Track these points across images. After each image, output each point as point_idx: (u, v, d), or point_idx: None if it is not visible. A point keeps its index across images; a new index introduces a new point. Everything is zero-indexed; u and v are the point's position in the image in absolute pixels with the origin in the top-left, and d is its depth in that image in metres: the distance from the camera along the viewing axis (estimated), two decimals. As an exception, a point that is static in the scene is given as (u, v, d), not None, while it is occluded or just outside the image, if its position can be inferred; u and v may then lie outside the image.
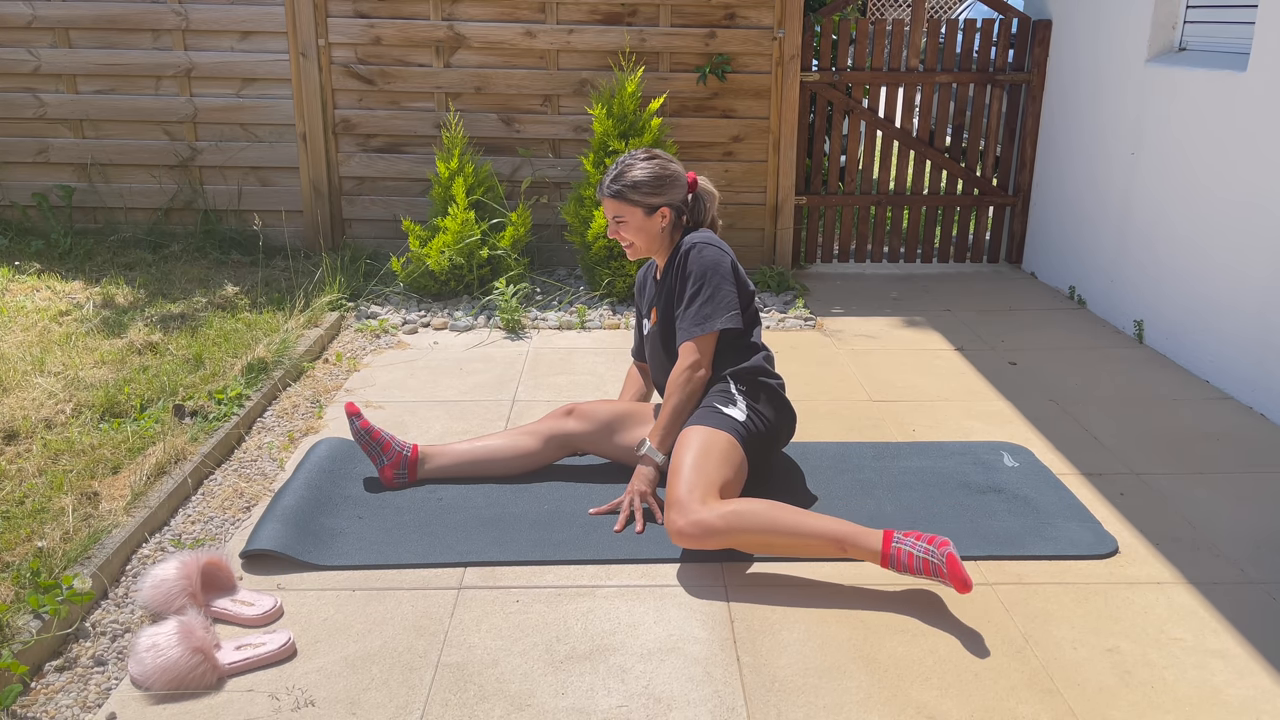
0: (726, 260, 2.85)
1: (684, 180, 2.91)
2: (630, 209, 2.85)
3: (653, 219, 2.87)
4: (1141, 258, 4.45)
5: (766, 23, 5.13)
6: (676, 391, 2.80)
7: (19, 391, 3.34)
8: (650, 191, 2.84)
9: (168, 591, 2.30)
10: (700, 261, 2.82)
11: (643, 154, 2.89)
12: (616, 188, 2.85)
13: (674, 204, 2.88)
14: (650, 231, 2.88)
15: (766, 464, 3.00)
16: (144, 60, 5.13)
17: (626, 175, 2.85)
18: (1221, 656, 2.25)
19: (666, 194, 2.86)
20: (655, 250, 2.94)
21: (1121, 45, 4.60)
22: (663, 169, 2.86)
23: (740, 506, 2.45)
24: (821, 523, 2.44)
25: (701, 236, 2.87)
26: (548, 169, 5.31)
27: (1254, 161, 3.68)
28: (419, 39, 5.11)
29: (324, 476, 2.96)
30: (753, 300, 2.94)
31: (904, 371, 4.03)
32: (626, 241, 2.91)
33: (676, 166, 2.90)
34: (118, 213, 5.36)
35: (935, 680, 2.15)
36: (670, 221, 2.89)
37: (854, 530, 2.43)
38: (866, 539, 2.41)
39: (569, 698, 2.09)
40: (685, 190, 2.91)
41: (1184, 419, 3.58)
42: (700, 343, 2.81)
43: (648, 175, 2.84)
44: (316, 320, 4.32)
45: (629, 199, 2.84)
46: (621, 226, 2.88)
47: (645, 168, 2.85)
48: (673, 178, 2.87)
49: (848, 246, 5.71)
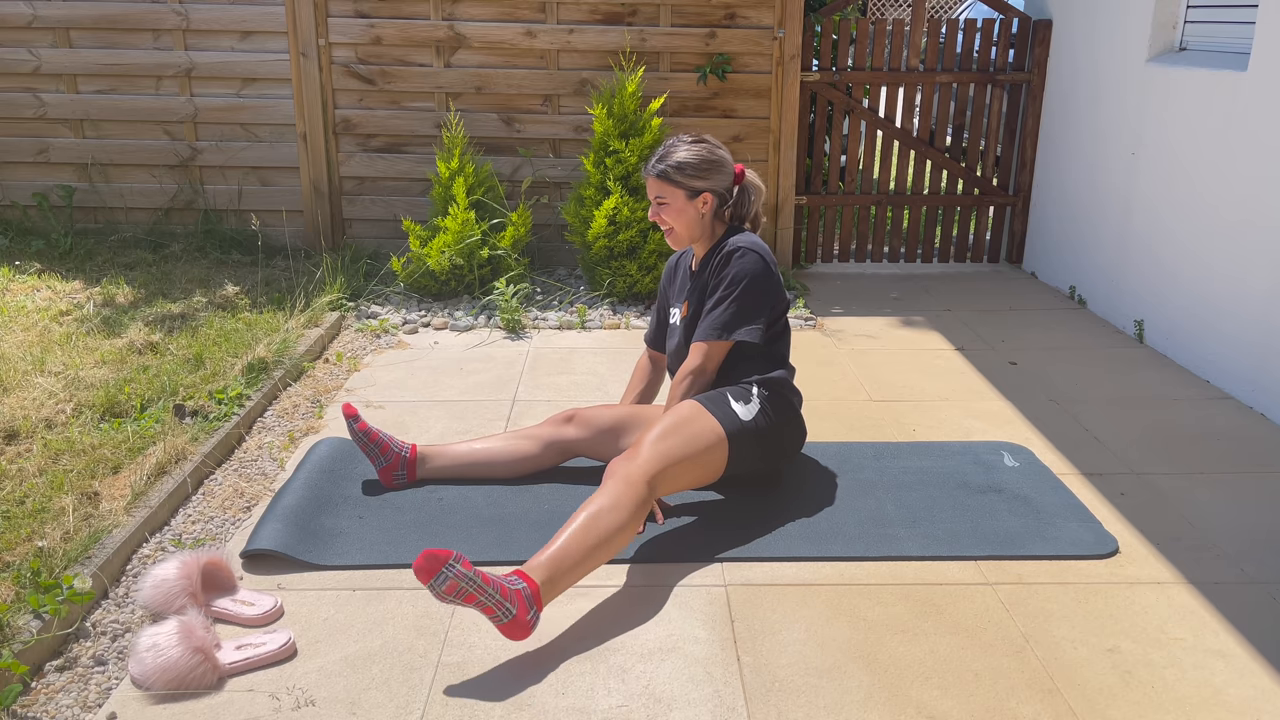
0: (767, 272, 2.81)
1: (730, 169, 2.87)
2: (673, 190, 2.82)
3: (694, 203, 2.83)
4: (1142, 257, 4.45)
5: (767, 22, 5.13)
6: (685, 389, 2.79)
7: (19, 391, 3.34)
8: (694, 174, 2.80)
9: (168, 591, 2.30)
10: (741, 266, 2.78)
11: (690, 137, 2.85)
12: (661, 167, 2.81)
13: (717, 191, 2.84)
14: (690, 217, 2.84)
15: (767, 473, 2.94)
16: (144, 60, 5.13)
17: (671, 155, 2.81)
18: (1222, 656, 2.25)
19: (711, 179, 2.82)
20: (695, 238, 2.90)
21: (1122, 45, 4.60)
22: (709, 153, 2.83)
23: (638, 503, 2.41)
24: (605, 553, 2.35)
25: (748, 241, 2.83)
26: (548, 169, 5.31)
27: (1255, 162, 3.68)
28: (419, 39, 5.11)
29: (324, 476, 2.96)
30: (784, 314, 2.89)
31: (904, 371, 4.03)
32: (666, 226, 2.87)
33: (724, 154, 2.87)
34: (118, 213, 5.36)
35: (935, 680, 2.15)
36: (712, 209, 2.85)
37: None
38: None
39: (569, 697, 2.09)
40: (731, 179, 2.87)
41: (1184, 419, 3.58)
42: (713, 348, 2.79)
43: (693, 157, 2.80)
44: (317, 320, 4.32)
45: (672, 179, 2.81)
46: (663, 209, 2.84)
47: (691, 150, 2.81)
48: (718, 164, 2.84)
49: (848, 246, 5.71)
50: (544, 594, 2.21)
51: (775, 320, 2.87)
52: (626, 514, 2.38)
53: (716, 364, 2.81)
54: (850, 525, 2.77)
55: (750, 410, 2.76)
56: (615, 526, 2.35)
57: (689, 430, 2.63)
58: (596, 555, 2.32)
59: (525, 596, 2.16)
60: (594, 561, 2.32)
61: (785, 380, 2.87)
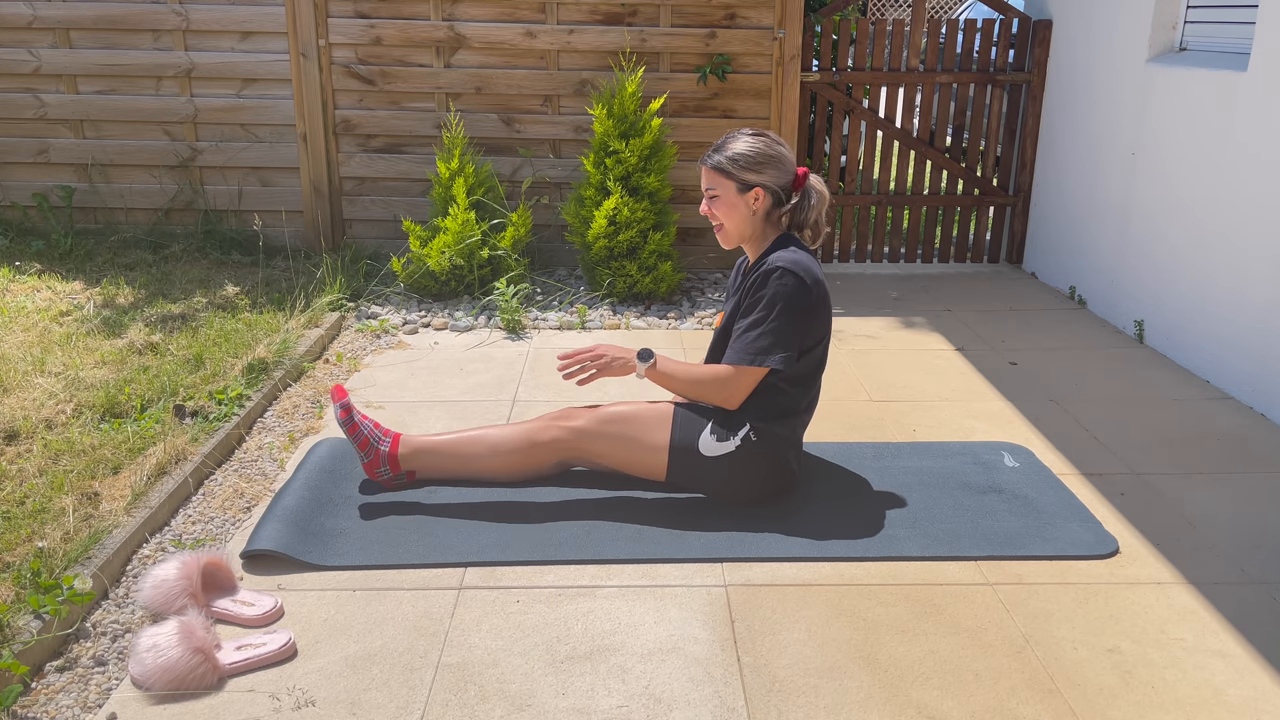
0: (806, 297, 2.65)
1: (790, 167, 2.74)
2: (724, 182, 2.71)
3: (745, 198, 2.71)
4: (1142, 258, 4.45)
5: (767, 23, 5.13)
6: (704, 382, 2.68)
7: (19, 392, 3.35)
8: (747, 166, 2.68)
9: (168, 592, 2.30)
10: (779, 288, 2.63)
11: (751, 131, 2.74)
12: (715, 158, 2.71)
13: (771, 187, 2.71)
14: (741, 212, 2.72)
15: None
16: (144, 60, 5.13)
17: (727, 146, 2.71)
18: (1222, 656, 2.25)
19: (765, 174, 2.69)
20: (745, 238, 2.77)
21: (1122, 45, 4.60)
22: (768, 148, 2.70)
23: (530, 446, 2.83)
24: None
25: (792, 260, 2.66)
26: (548, 169, 5.31)
27: (1255, 162, 3.68)
28: (419, 39, 5.11)
29: (324, 476, 2.96)
30: (820, 345, 2.74)
31: (904, 371, 4.03)
32: (716, 221, 2.76)
33: (784, 150, 2.74)
34: (118, 213, 5.36)
35: (935, 680, 2.15)
36: (765, 207, 2.72)
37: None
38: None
39: (569, 698, 2.09)
40: (789, 179, 2.74)
41: (1184, 419, 3.58)
42: (744, 374, 2.66)
43: (748, 149, 2.69)
44: (317, 320, 4.32)
45: (724, 170, 2.69)
46: (713, 202, 2.73)
47: (748, 142, 2.70)
48: (776, 159, 2.70)
49: (848, 246, 5.71)
50: (401, 462, 2.83)
51: (809, 350, 2.71)
52: (512, 455, 2.83)
53: (746, 391, 2.68)
54: (850, 525, 2.77)
55: (722, 448, 2.69)
56: (493, 453, 2.83)
57: (635, 428, 2.72)
58: (467, 458, 2.84)
59: (382, 456, 2.82)
60: (461, 461, 2.84)
61: (785, 437, 2.74)
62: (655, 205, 4.80)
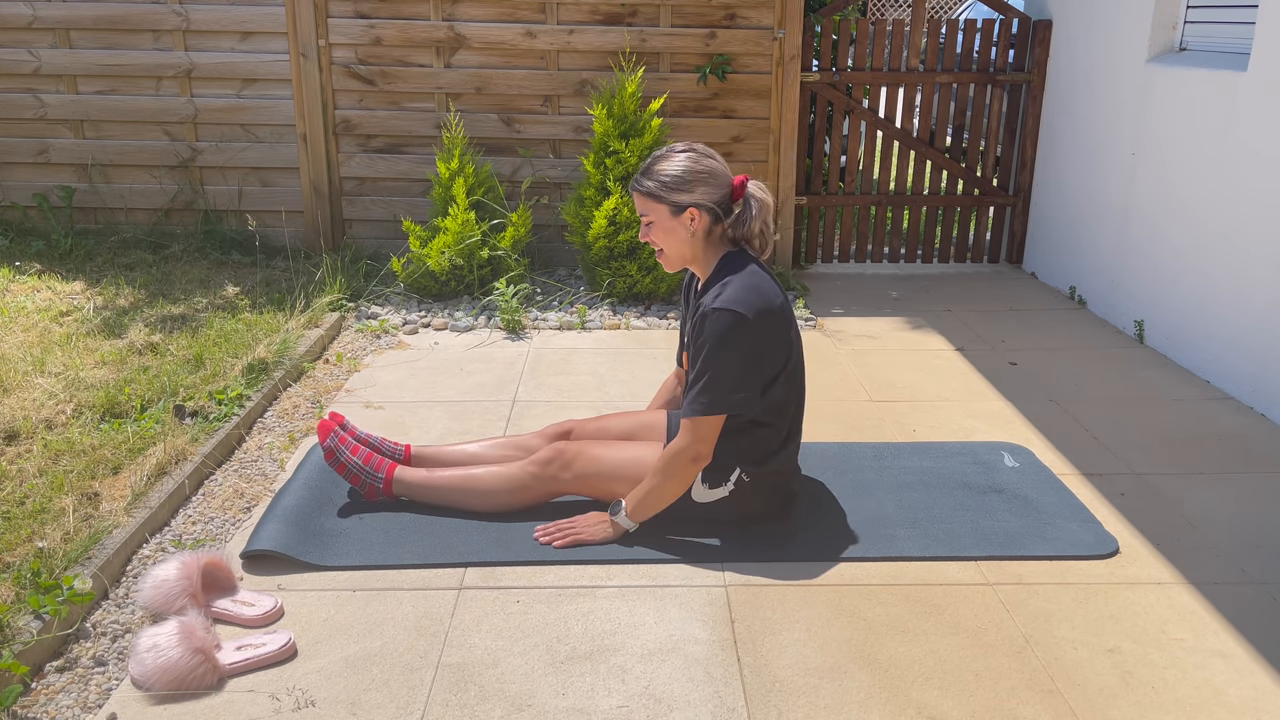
0: (746, 333, 2.47)
1: (724, 180, 2.57)
2: (655, 206, 2.56)
3: (679, 220, 2.55)
4: (1142, 258, 4.45)
5: (767, 23, 5.13)
6: (663, 474, 2.55)
7: (20, 392, 3.35)
8: (676, 187, 2.53)
9: (168, 592, 2.30)
10: (716, 331, 2.46)
11: (681, 147, 2.59)
12: (644, 183, 2.56)
13: (706, 205, 2.55)
14: (679, 236, 2.57)
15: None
16: (144, 61, 5.13)
17: (654, 168, 2.56)
18: (1222, 657, 2.25)
19: (697, 192, 2.53)
20: (689, 260, 2.63)
21: (1122, 45, 4.60)
22: (695, 163, 2.54)
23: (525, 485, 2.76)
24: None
25: (734, 295, 2.48)
26: (548, 169, 5.31)
27: (1255, 161, 3.68)
28: (419, 39, 5.11)
29: (324, 477, 2.95)
30: (784, 369, 2.56)
31: (904, 371, 4.03)
32: (656, 247, 2.62)
33: (715, 164, 2.58)
34: (118, 213, 5.36)
35: (936, 680, 2.15)
36: (703, 226, 2.57)
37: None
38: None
39: (569, 698, 2.09)
40: (725, 192, 2.57)
41: (1185, 419, 3.58)
42: (699, 425, 2.51)
43: (676, 169, 2.54)
44: (317, 321, 4.32)
45: (653, 194, 2.55)
46: (649, 228, 2.60)
47: (676, 161, 2.55)
48: (707, 174, 2.54)
49: (848, 247, 5.71)
50: (395, 489, 2.81)
51: (773, 380, 2.56)
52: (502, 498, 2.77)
53: (711, 443, 2.53)
54: (850, 525, 2.77)
55: (716, 494, 2.64)
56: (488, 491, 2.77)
57: (627, 486, 2.69)
58: (459, 500, 2.78)
59: (376, 490, 2.80)
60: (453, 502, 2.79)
61: (778, 470, 2.66)
62: (655, 205, 4.79)
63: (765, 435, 2.62)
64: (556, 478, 2.73)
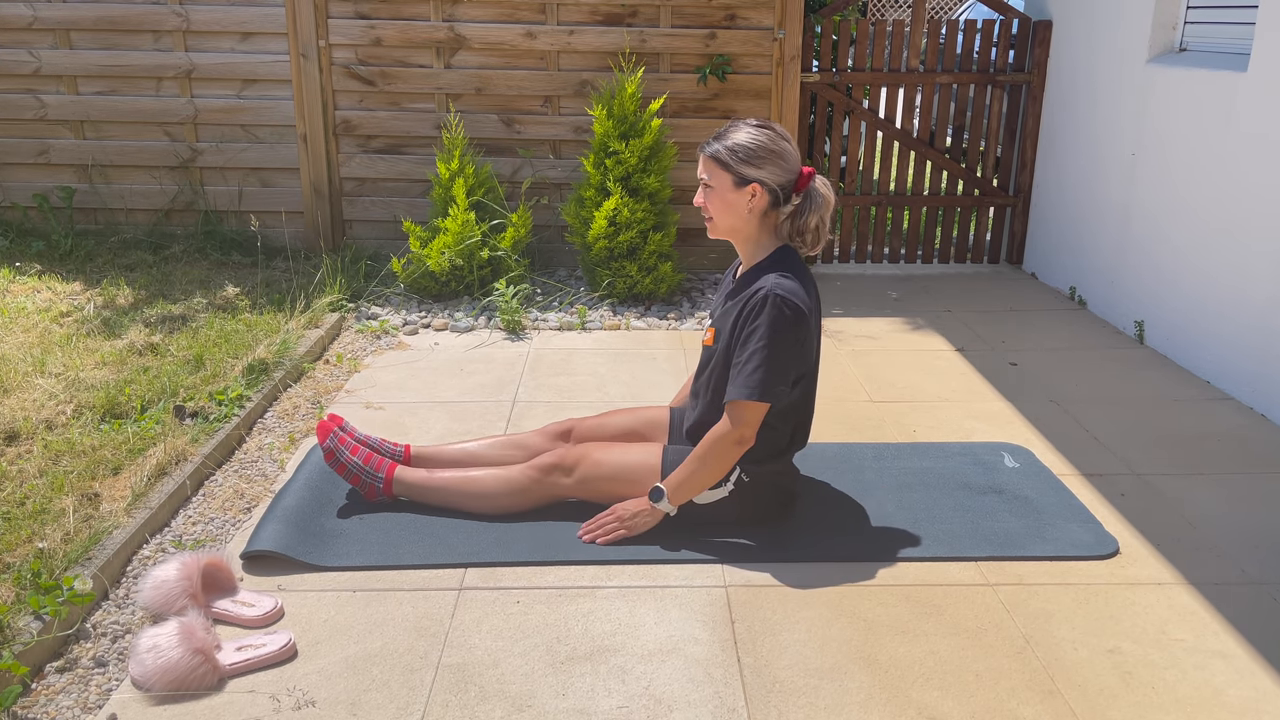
0: (804, 326, 2.51)
1: (794, 165, 2.54)
2: (720, 173, 2.53)
3: (740, 193, 2.53)
4: (1142, 258, 4.45)
5: (767, 23, 5.13)
6: (705, 459, 2.54)
7: (20, 392, 3.35)
8: (746, 159, 2.50)
9: (168, 592, 2.30)
10: (777, 317, 2.47)
11: (758, 121, 2.56)
12: (714, 146, 2.54)
13: (769, 185, 2.53)
14: (735, 209, 2.55)
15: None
16: (145, 61, 5.13)
17: (728, 135, 2.54)
18: (1222, 657, 2.25)
19: (765, 169, 2.51)
20: (736, 235, 2.61)
21: (1122, 46, 4.60)
22: (771, 141, 2.52)
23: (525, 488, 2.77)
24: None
25: (789, 288, 2.49)
26: (548, 170, 5.31)
27: (1255, 162, 3.68)
28: (419, 40, 5.11)
29: (324, 477, 2.95)
30: (811, 370, 2.62)
31: (904, 372, 4.03)
32: (707, 215, 2.60)
33: (789, 146, 2.54)
34: (118, 214, 5.36)
35: (936, 681, 2.15)
36: (762, 206, 2.55)
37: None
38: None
39: (570, 699, 2.09)
40: (791, 178, 2.55)
41: (1185, 419, 3.58)
42: (751, 410, 2.50)
43: (749, 141, 2.51)
44: (317, 321, 4.32)
45: (721, 160, 2.52)
46: (707, 193, 2.57)
47: (750, 134, 2.52)
48: (778, 155, 2.52)
49: (848, 247, 5.71)
50: (395, 490, 2.81)
51: (800, 379, 2.60)
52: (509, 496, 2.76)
53: (756, 426, 2.52)
54: (850, 526, 2.77)
55: (715, 495, 2.63)
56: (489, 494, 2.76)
57: (626, 486, 2.69)
58: (459, 501, 2.78)
59: (377, 490, 2.80)
60: (453, 503, 2.78)
61: (779, 471, 2.67)
62: (655, 206, 4.80)
63: (769, 438, 2.62)
64: (558, 482, 2.74)
